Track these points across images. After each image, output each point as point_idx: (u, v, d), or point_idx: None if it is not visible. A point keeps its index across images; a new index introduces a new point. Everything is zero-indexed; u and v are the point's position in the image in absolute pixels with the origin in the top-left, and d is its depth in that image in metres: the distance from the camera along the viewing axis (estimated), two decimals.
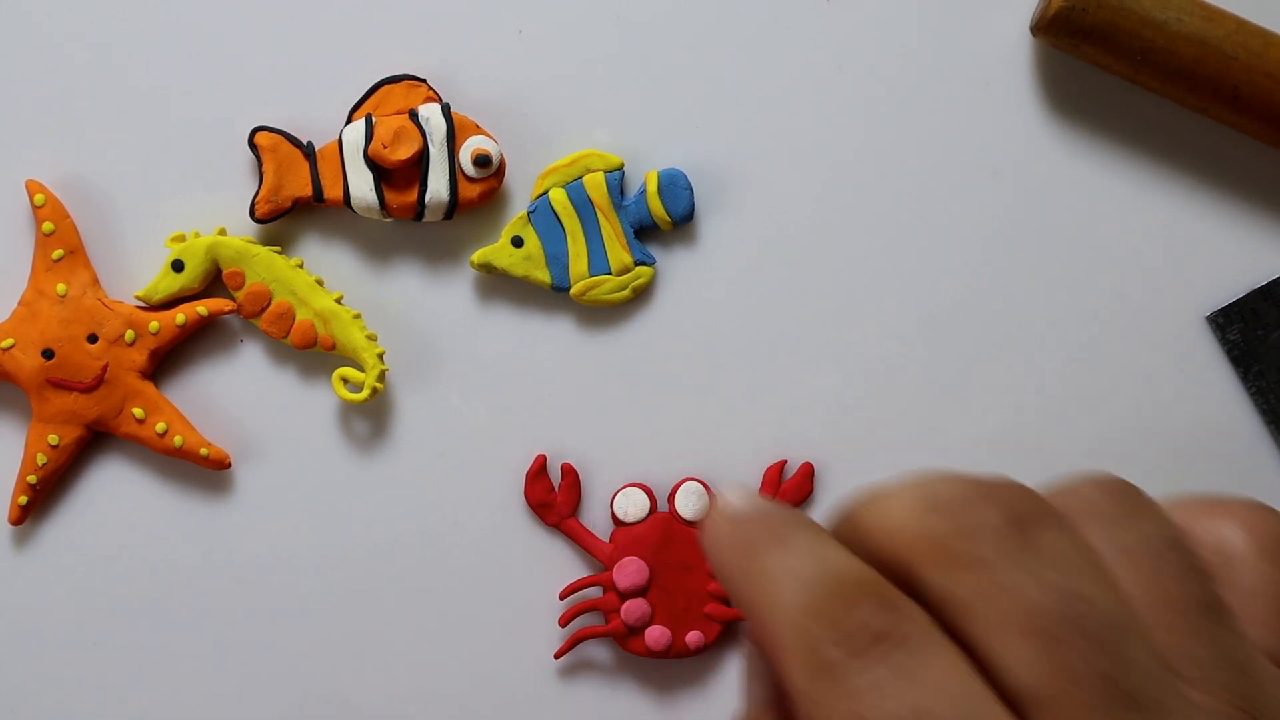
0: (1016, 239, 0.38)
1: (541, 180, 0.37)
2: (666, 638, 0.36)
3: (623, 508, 0.37)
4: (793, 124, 0.37)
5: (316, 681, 0.37)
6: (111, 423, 0.36)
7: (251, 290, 0.36)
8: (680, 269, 0.38)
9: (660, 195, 0.37)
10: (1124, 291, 0.38)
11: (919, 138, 0.37)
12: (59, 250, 0.36)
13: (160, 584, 0.37)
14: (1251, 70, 0.35)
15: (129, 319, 0.36)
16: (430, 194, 0.36)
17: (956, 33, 0.37)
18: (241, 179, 0.37)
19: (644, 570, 0.36)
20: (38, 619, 0.37)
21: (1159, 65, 0.35)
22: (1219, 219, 0.38)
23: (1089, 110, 0.37)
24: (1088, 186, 0.38)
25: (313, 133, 0.36)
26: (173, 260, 0.36)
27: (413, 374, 0.37)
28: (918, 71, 0.37)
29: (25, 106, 0.37)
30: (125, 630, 0.37)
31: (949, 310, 0.37)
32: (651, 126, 0.37)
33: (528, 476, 0.37)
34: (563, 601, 0.37)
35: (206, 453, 0.36)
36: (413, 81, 0.36)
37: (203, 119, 0.37)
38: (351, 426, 0.37)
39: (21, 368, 0.36)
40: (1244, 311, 0.37)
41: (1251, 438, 0.38)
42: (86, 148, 0.37)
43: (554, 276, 0.37)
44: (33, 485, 0.36)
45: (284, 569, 0.37)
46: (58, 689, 0.37)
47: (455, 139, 0.36)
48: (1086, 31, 0.35)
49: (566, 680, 0.37)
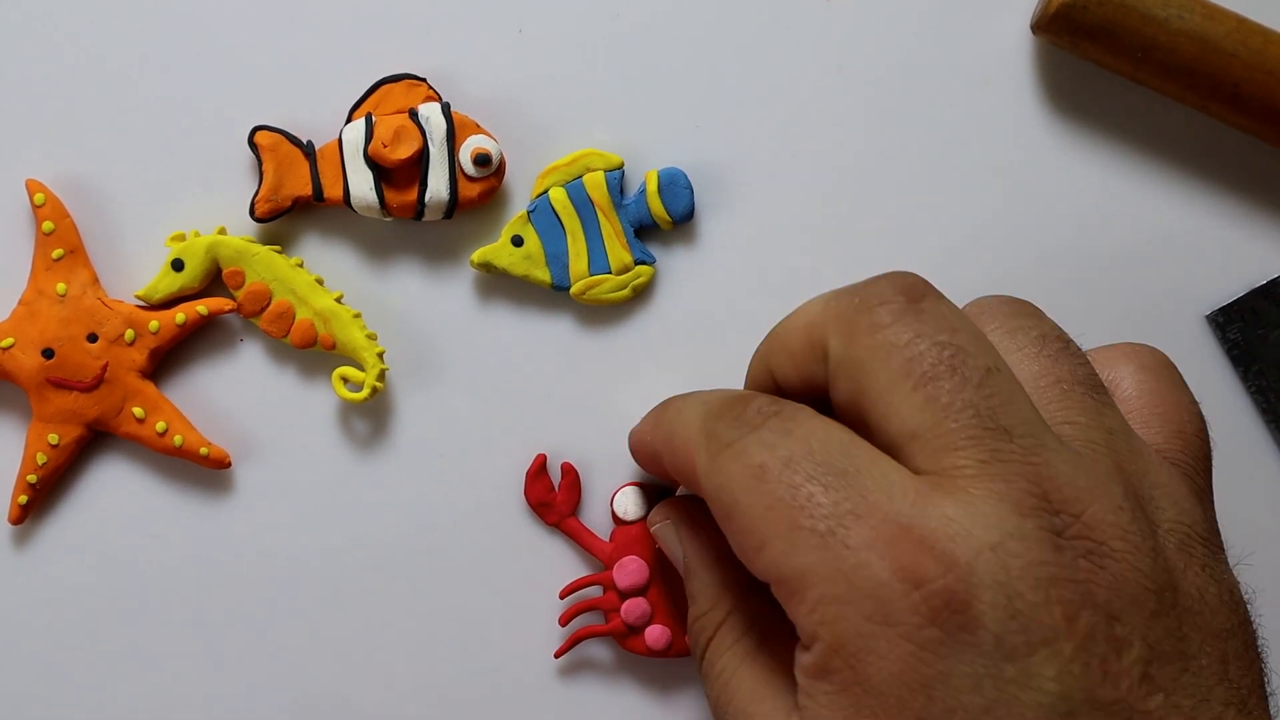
0: (1017, 238, 0.38)
1: (541, 179, 0.37)
2: (667, 637, 0.36)
3: (623, 507, 0.37)
4: (793, 124, 0.37)
5: (316, 681, 0.37)
6: (111, 422, 0.36)
7: (251, 289, 0.36)
8: (680, 268, 0.38)
9: (660, 194, 0.37)
10: (1124, 290, 0.38)
11: (919, 137, 0.38)
12: (59, 249, 0.36)
13: (160, 583, 0.37)
14: (1252, 68, 0.35)
15: (129, 318, 0.36)
16: (430, 193, 0.36)
17: (957, 32, 0.37)
18: (241, 178, 0.37)
19: (644, 569, 0.36)
20: (38, 619, 0.37)
21: (1160, 63, 0.35)
22: (1219, 218, 0.38)
23: (1089, 109, 0.37)
24: (1088, 185, 0.38)
25: (313, 132, 0.36)
26: (173, 259, 0.36)
27: (413, 373, 0.37)
28: (918, 71, 0.37)
29: (25, 106, 0.37)
30: (125, 630, 0.37)
31: None
32: (651, 126, 0.37)
33: (528, 476, 0.37)
34: (562, 601, 0.37)
35: (206, 452, 0.36)
36: (413, 81, 0.36)
37: (203, 118, 0.37)
38: (351, 426, 0.37)
39: (21, 367, 0.36)
40: (1244, 311, 0.38)
41: (1251, 437, 0.38)
42: (86, 147, 0.37)
43: (554, 276, 0.37)
44: (33, 485, 0.36)
45: (284, 568, 0.37)
46: (58, 689, 0.37)
47: (455, 138, 0.36)
48: (1087, 29, 0.35)
49: (566, 679, 0.37)
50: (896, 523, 0.23)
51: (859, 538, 0.23)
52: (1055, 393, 0.26)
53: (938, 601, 0.22)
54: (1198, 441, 0.28)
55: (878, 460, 0.24)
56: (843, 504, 0.23)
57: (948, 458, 0.23)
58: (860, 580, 0.22)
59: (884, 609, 0.22)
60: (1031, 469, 0.23)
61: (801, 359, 0.27)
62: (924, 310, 0.25)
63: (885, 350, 0.25)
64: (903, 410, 0.24)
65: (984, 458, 0.23)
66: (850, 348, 0.25)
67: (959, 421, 0.24)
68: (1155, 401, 0.29)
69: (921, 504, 0.23)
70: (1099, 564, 0.23)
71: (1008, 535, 0.22)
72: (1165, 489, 0.25)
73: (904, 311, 0.25)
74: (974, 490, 0.23)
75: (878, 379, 0.25)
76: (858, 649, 0.22)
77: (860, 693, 0.22)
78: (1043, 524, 0.23)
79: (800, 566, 0.23)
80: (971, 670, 0.22)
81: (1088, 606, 0.22)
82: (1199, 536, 0.25)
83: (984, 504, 0.23)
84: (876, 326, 0.25)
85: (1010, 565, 0.22)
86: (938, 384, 0.24)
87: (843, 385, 0.26)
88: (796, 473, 0.24)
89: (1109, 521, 0.23)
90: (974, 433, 0.23)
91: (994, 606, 0.22)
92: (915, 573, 0.22)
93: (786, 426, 0.25)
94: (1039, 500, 0.23)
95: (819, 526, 0.23)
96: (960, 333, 0.25)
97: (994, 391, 0.24)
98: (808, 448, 0.24)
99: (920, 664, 0.22)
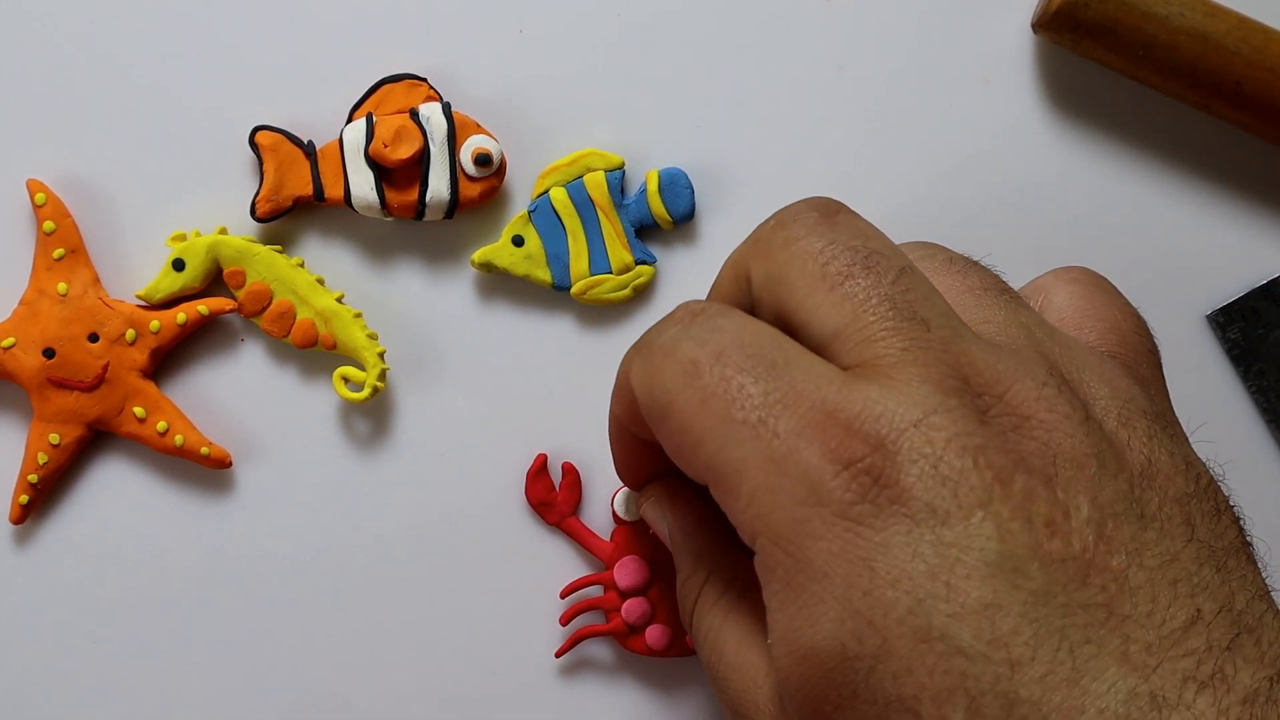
0: (1017, 237, 0.38)
1: (542, 179, 0.37)
2: (667, 636, 0.36)
3: (623, 507, 0.37)
4: (793, 124, 0.38)
5: (316, 680, 0.37)
6: (112, 422, 0.36)
7: (252, 289, 0.36)
8: (681, 268, 0.38)
9: (661, 194, 0.37)
10: (1124, 289, 0.38)
11: (920, 136, 0.38)
12: (60, 249, 0.36)
13: (160, 583, 0.37)
14: (1254, 65, 0.35)
15: (130, 318, 0.36)
16: (431, 193, 0.36)
17: (957, 31, 0.38)
18: (242, 178, 0.37)
19: (644, 569, 0.36)
20: (38, 619, 0.37)
21: (1161, 60, 0.35)
22: (1220, 217, 0.38)
23: (1090, 108, 0.37)
24: (1089, 184, 0.38)
25: (313, 132, 0.37)
26: (174, 259, 0.36)
27: (413, 373, 0.37)
28: (918, 70, 0.38)
29: (26, 106, 0.37)
30: (125, 630, 0.37)
31: None
32: (652, 126, 0.37)
33: (528, 475, 0.37)
34: (563, 600, 0.37)
35: (207, 452, 0.36)
36: (413, 81, 0.36)
37: (204, 118, 0.37)
38: (352, 426, 0.37)
39: (22, 367, 0.36)
40: (1244, 310, 0.38)
41: (1251, 437, 0.38)
42: (87, 147, 0.37)
43: (555, 275, 0.37)
44: (34, 484, 0.36)
45: (284, 568, 0.37)
46: (58, 689, 0.37)
47: (456, 138, 0.36)
48: (1088, 26, 0.35)
49: (567, 679, 0.37)
50: (823, 409, 0.23)
51: (788, 425, 0.23)
52: (969, 299, 0.27)
53: (865, 479, 0.22)
54: (1135, 338, 0.29)
55: (804, 354, 0.25)
56: (772, 394, 0.24)
57: (869, 349, 0.24)
58: (790, 466, 0.23)
59: (815, 491, 0.23)
60: (950, 355, 0.24)
61: (730, 293, 0.28)
62: (837, 222, 0.26)
63: (801, 259, 0.26)
64: (821, 311, 0.25)
65: (904, 345, 0.24)
66: (769, 264, 0.26)
67: (876, 315, 0.24)
68: (1086, 306, 0.29)
69: (846, 390, 0.23)
70: (1028, 434, 0.23)
71: (931, 411, 0.23)
72: (1095, 371, 0.26)
73: (817, 223, 0.26)
74: (896, 375, 0.23)
75: (796, 288, 0.26)
76: (795, 534, 0.23)
77: (805, 579, 0.23)
78: (964, 400, 0.23)
79: (734, 459, 0.24)
80: (909, 539, 0.22)
81: (1021, 470, 0.23)
82: (1140, 411, 0.25)
83: (907, 386, 0.23)
84: (791, 240, 0.26)
85: (935, 438, 0.23)
86: (853, 282, 0.25)
87: (766, 301, 0.27)
88: (727, 365, 0.24)
89: (1033, 397, 0.24)
90: (892, 324, 0.24)
91: (922, 477, 0.22)
92: (843, 453, 0.23)
93: (715, 323, 0.26)
94: (960, 382, 0.23)
95: (750, 418, 0.24)
96: (873, 239, 0.26)
97: (909, 287, 0.25)
98: (739, 339, 0.25)
99: (857, 538, 0.22)
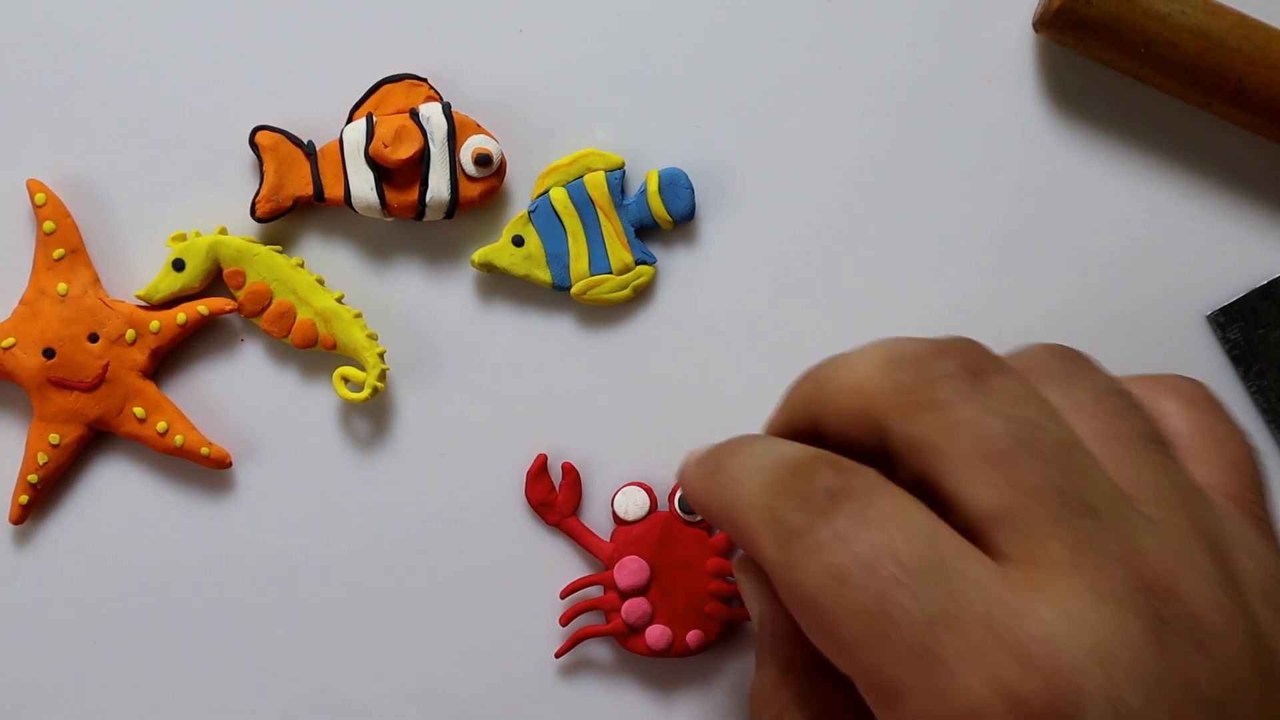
0: (1018, 237, 0.38)
1: (542, 179, 0.37)
2: (667, 637, 0.36)
3: (623, 506, 0.37)
4: (793, 124, 0.38)
5: (316, 680, 0.37)
6: (112, 422, 0.36)
7: (252, 289, 0.36)
8: (681, 268, 0.38)
9: (661, 194, 0.37)
10: (1124, 289, 0.38)
11: (920, 136, 0.38)
12: (60, 249, 0.36)
13: (160, 583, 0.37)
14: (1255, 63, 0.35)
15: (130, 318, 0.36)
16: (431, 193, 0.36)
17: (957, 30, 0.38)
18: (242, 178, 0.37)
19: (644, 569, 0.36)
20: (38, 619, 0.37)
21: (1162, 59, 0.35)
22: (1220, 217, 0.38)
23: (1092, 107, 0.37)
24: (1089, 184, 0.38)
25: (313, 132, 0.37)
26: (174, 259, 0.36)
27: (413, 373, 0.37)
28: (918, 70, 0.38)
29: (26, 106, 0.37)
30: (125, 630, 0.37)
31: (950, 309, 0.37)
32: (652, 126, 0.37)
33: (528, 476, 0.37)
34: (563, 601, 0.37)
35: (207, 452, 0.36)
36: (413, 81, 0.36)
37: (204, 118, 0.37)
38: (352, 426, 0.37)
39: (22, 367, 0.36)
40: (1244, 310, 0.37)
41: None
42: (87, 147, 0.37)
43: (555, 275, 0.37)
44: (34, 484, 0.36)
45: (284, 568, 0.37)
46: (58, 689, 0.37)
47: (456, 138, 0.36)
48: (1089, 25, 0.35)
49: (567, 679, 0.37)
50: (991, 630, 0.21)
51: (953, 649, 0.21)
52: (1119, 450, 0.25)
53: None
54: (1253, 473, 0.27)
55: (963, 552, 0.23)
56: (931, 608, 0.22)
57: (1034, 544, 0.22)
58: (957, 700, 0.21)
59: None
60: (1123, 552, 0.22)
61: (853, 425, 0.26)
62: (990, 387, 0.24)
63: (951, 428, 0.23)
64: (979, 492, 0.23)
65: (1073, 543, 0.22)
66: (914, 426, 0.24)
67: (1042, 503, 0.23)
68: (1207, 437, 0.28)
69: (1015, 606, 0.22)
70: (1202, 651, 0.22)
71: (1109, 636, 0.21)
72: (1240, 542, 0.24)
73: (968, 388, 0.24)
74: (1068, 584, 0.22)
75: (948, 459, 0.23)
76: None
77: None
78: (1141, 612, 0.22)
79: (891, 679, 0.22)
80: None
81: (1193, 701, 0.21)
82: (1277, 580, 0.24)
83: (1080, 600, 0.22)
84: (939, 404, 0.24)
85: (1114, 672, 0.21)
86: (1015, 463, 0.23)
87: (910, 464, 0.24)
88: (880, 576, 0.22)
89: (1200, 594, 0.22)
90: (1060, 515, 0.22)
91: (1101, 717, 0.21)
92: (1015, 690, 0.21)
93: (862, 512, 0.23)
94: (1134, 585, 0.22)
95: (909, 638, 0.22)
96: (1029, 405, 0.24)
97: (1074, 468, 0.23)
98: (890, 544, 0.22)
99: None
